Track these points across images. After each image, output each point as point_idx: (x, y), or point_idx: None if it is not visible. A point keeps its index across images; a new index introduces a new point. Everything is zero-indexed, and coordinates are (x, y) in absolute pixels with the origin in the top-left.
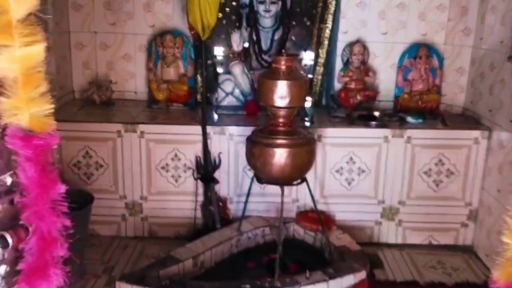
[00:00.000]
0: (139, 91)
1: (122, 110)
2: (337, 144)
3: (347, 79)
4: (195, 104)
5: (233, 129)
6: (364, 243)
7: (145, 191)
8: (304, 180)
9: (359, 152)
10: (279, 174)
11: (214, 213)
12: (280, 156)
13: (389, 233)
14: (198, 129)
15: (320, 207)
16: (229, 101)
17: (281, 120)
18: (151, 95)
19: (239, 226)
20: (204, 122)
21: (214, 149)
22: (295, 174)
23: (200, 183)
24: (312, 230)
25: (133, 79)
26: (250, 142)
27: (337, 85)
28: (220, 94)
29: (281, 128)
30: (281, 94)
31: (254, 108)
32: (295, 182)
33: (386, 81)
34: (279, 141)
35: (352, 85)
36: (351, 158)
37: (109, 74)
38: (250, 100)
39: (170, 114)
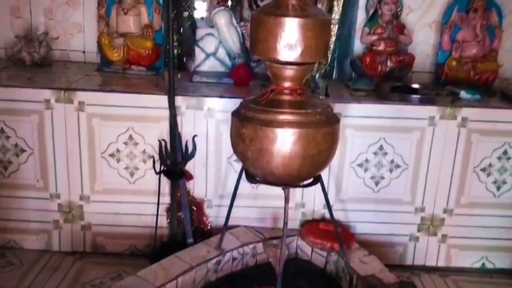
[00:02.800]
0: (89, 51)
1: (60, 74)
2: (362, 127)
3: (374, 37)
4: (164, 67)
5: (214, 102)
6: (394, 265)
7: (87, 189)
8: (318, 179)
9: (393, 139)
10: (282, 170)
11: (185, 222)
12: (284, 140)
13: (429, 253)
14: (163, 100)
15: (335, 215)
16: (211, 65)
17: (287, 84)
18: (103, 54)
19: (220, 242)
20: (172, 90)
21: (186, 131)
22: (306, 170)
23: (165, 179)
24: (324, 249)
25: (80, 34)
26: (238, 118)
27: (358, 48)
28: (199, 55)
29: (287, 97)
30: (290, 40)
31: (245, 75)
32: (305, 182)
33: (424, 44)
34: (284, 117)
35: (381, 46)
36: (381, 148)
37: (48, 26)
38: (240, 64)
39: (127, 81)
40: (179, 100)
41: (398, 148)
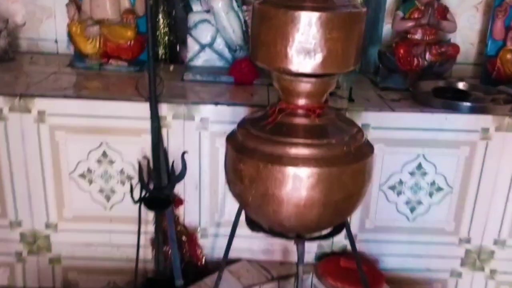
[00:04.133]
0: (62, 40)
1: (21, 72)
2: (396, 140)
3: (410, 23)
4: None
5: (208, 110)
6: None
7: (54, 215)
8: (343, 226)
9: (435, 155)
10: (295, 221)
11: (173, 260)
12: (298, 183)
13: None
14: (144, 108)
15: (360, 246)
16: (207, 58)
17: (301, 101)
18: (75, 46)
19: (217, 283)
20: (153, 96)
21: (174, 146)
22: (328, 220)
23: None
24: None
25: (51, 20)
26: (234, 148)
27: (387, 36)
28: (192, 46)
29: (302, 120)
30: (307, 42)
31: (248, 72)
32: (325, 232)
33: (467, 31)
34: (298, 151)
35: (418, 35)
36: (419, 167)
37: (11, 10)
38: (242, 58)
39: (104, 80)
40: (164, 108)
41: (441, 167)
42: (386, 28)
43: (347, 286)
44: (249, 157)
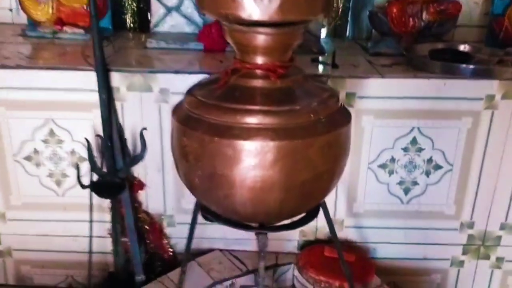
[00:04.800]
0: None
1: None
2: (387, 112)
3: None
4: (112, 30)
5: (168, 80)
6: None
7: (0, 203)
8: (317, 212)
9: (432, 128)
10: (252, 208)
11: (132, 253)
12: (254, 161)
13: (478, 281)
14: (94, 79)
15: (348, 233)
16: (173, 23)
17: (259, 59)
18: (26, 12)
19: (180, 281)
20: (100, 63)
21: (130, 122)
22: (293, 205)
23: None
24: None
25: None
26: (179, 119)
27: None
28: (156, 10)
29: (260, 83)
30: None
31: (219, 37)
32: (295, 219)
33: None
34: (253, 119)
35: None
36: (414, 141)
37: None
38: (213, 22)
39: (54, 49)
40: (116, 78)
41: (439, 141)
42: None
43: (331, 279)
44: (193, 129)
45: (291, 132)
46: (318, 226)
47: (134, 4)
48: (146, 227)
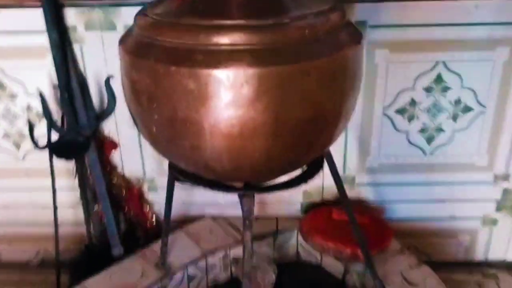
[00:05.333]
0: None
1: None
2: (405, 44)
3: None
4: None
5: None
6: (457, 263)
7: None
8: (319, 166)
9: (460, 63)
10: (228, 163)
11: (106, 222)
12: (227, 96)
13: None
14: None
15: (360, 193)
16: None
17: None
18: None
19: (162, 254)
20: None
21: (93, 69)
22: (285, 156)
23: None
24: (342, 257)
25: None
26: (127, 48)
27: None
28: None
29: None
30: None
31: None
32: (292, 175)
33: None
34: (227, 39)
35: None
36: (438, 79)
37: None
38: None
39: None
40: (71, 15)
41: (469, 78)
42: None
43: (342, 246)
44: (142, 57)
45: (278, 54)
46: (325, 184)
47: None
48: (124, 193)
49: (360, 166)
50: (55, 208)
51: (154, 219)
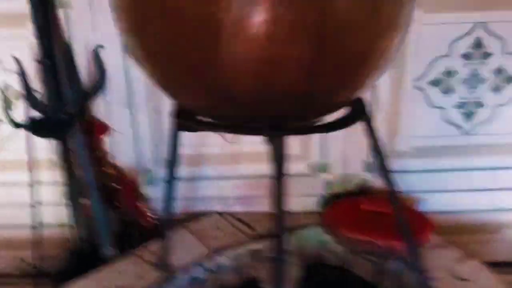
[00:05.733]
0: None
1: None
2: (440, 3)
3: None
4: None
5: None
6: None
7: None
8: (360, 109)
9: (502, 24)
10: (255, 79)
11: (96, 217)
12: None
13: None
14: None
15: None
16: None
17: None
18: None
19: (163, 251)
20: None
21: (81, 39)
22: (331, 76)
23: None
24: (376, 251)
25: None
26: None
27: None
28: None
29: None
30: None
31: None
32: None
33: None
34: None
35: None
36: (477, 44)
37: None
38: None
39: None
40: None
41: None
42: None
43: (373, 237)
44: None
45: None
46: (347, 171)
47: None
48: (115, 185)
49: (388, 149)
50: (35, 204)
51: (151, 217)
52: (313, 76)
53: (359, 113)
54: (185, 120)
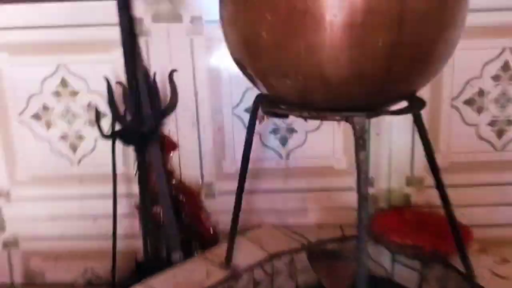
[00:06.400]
0: None
1: None
2: (470, 29)
3: None
4: None
5: (202, 5)
6: None
7: (3, 178)
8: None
9: None
10: (350, 60)
11: (167, 224)
12: None
13: None
14: (111, 9)
15: (430, 196)
16: None
17: None
18: None
19: (228, 254)
20: None
21: (157, 64)
22: (408, 61)
23: (127, 152)
24: (423, 255)
25: None
26: None
27: None
28: None
29: None
30: None
31: None
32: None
33: None
34: None
35: None
36: (506, 66)
37: None
38: None
39: None
40: (140, 6)
41: None
42: None
43: (420, 242)
44: None
45: None
46: (391, 186)
47: None
48: (182, 197)
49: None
50: (115, 214)
51: (211, 228)
52: (394, 59)
53: (416, 106)
54: (268, 103)
